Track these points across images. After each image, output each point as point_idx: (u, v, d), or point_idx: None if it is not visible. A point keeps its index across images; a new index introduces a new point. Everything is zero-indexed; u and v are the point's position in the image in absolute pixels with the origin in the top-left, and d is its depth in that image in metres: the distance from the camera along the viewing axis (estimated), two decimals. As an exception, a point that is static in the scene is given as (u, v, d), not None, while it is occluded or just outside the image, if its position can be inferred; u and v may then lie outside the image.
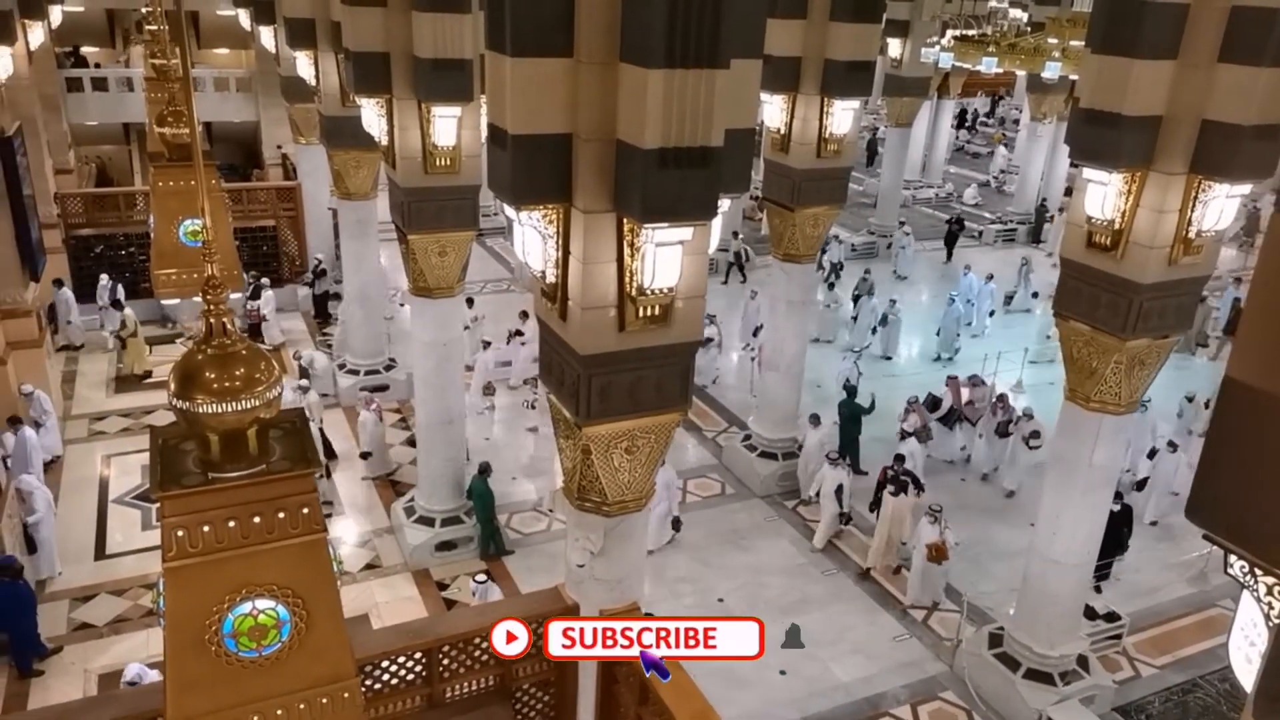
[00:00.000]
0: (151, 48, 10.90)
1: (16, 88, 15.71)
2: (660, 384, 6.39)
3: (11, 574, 9.68)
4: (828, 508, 12.85)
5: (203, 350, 2.91)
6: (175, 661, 2.91)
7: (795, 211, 12.80)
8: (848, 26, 11.77)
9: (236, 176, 25.84)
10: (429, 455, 12.52)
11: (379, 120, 11.17)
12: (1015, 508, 13.89)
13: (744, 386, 17.54)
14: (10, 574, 9.67)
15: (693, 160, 5.39)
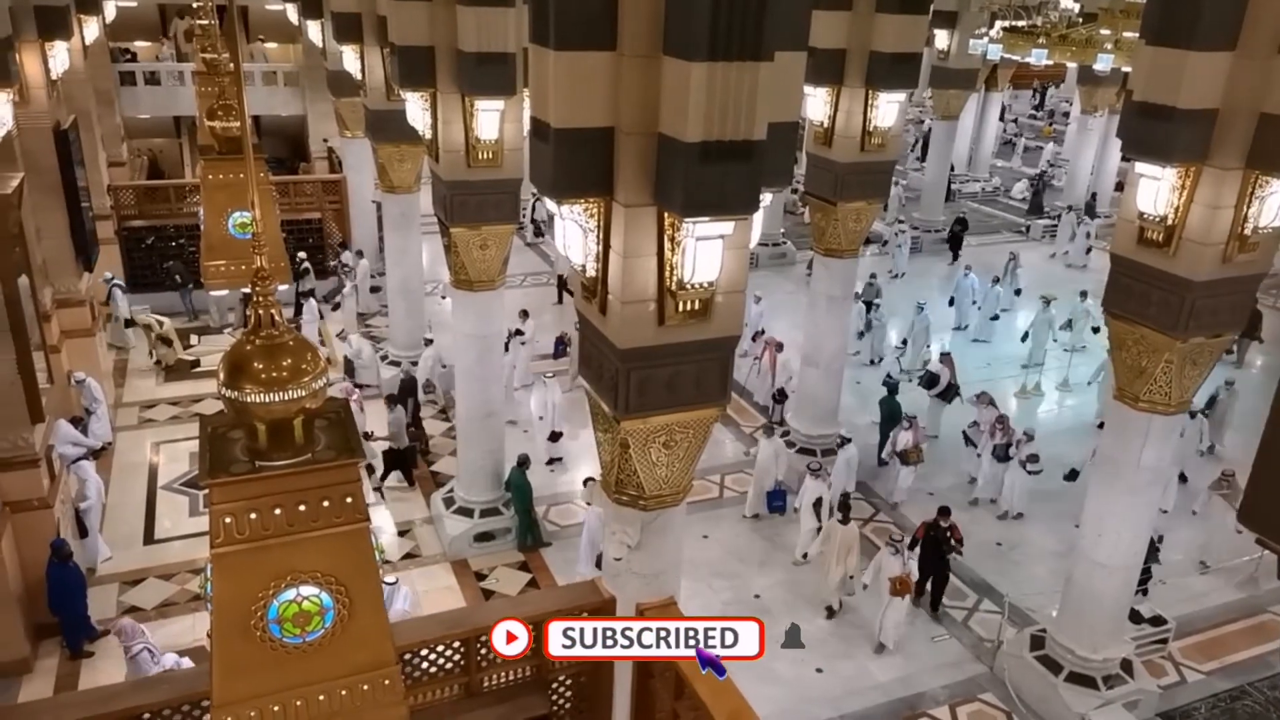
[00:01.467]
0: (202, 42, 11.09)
1: (72, 82, 16.07)
2: (699, 379, 6.38)
3: (61, 557, 9.93)
4: (806, 521, 12.27)
5: (251, 341, 2.97)
6: (222, 646, 2.98)
7: (837, 206, 12.68)
8: (894, 18, 11.63)
9: (283, 170, 26.23)
10: (468, 447, 12.64)
11: (423, 114, 11.27)
12: (1058, 510, 13.63)
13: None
14: (60, 557, 9.93)
15: (735, 154, 5.37)
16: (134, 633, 9.10)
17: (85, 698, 8.05)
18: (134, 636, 9.06)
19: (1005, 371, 18.06)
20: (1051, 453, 14.29)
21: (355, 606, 3.13)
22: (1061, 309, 18.99)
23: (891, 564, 10.78)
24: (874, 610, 11.12)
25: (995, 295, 20.45)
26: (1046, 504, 13.81)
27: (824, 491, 12.37)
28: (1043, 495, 13.88)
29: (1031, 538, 13.14)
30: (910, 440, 13.69)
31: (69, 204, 14.07)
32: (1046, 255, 25.67)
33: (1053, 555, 12.59)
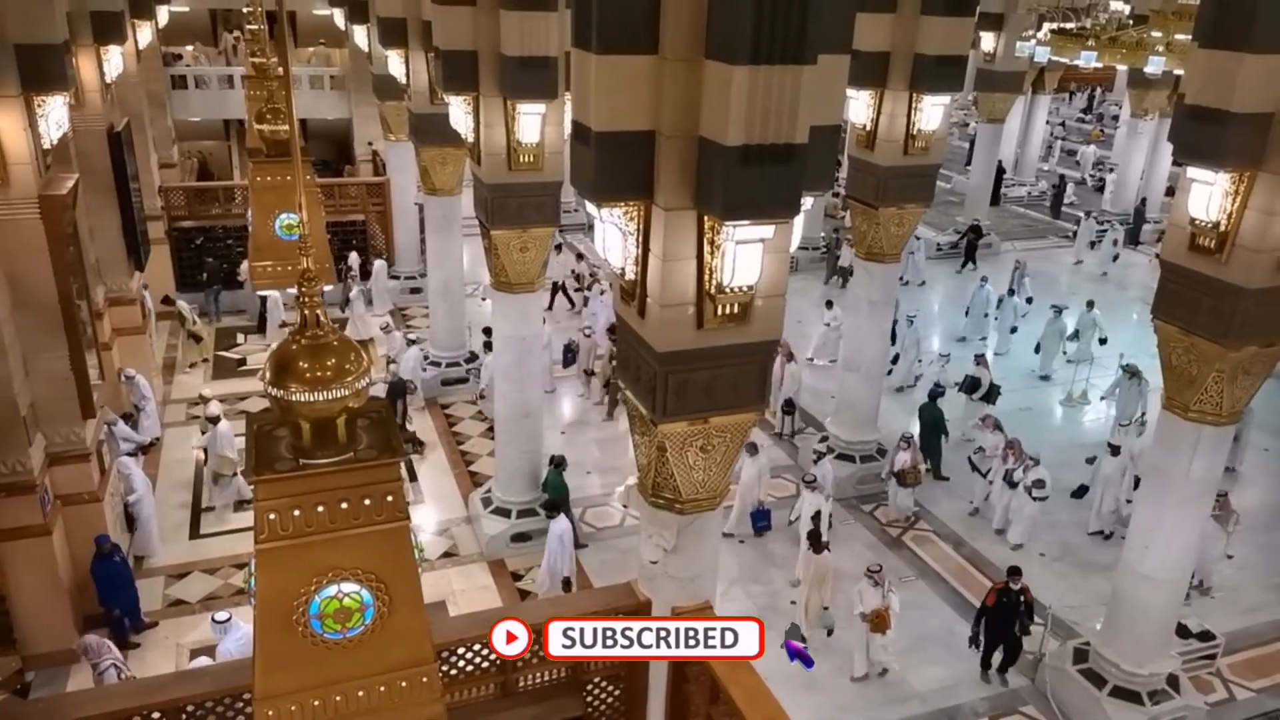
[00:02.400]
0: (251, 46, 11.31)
1: (125, 85, 16.45)
2: (737, 383, 6.36)
3: (103, 552, 10.16)
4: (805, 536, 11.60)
5: (297, 340, 3.02)
6: (264, 640, 3.03)
7: (879, 210, 12.58)
8: (939, 20, 11.52)
9: (329, 172, 26.67)
10: (506, 447, 12.72)
11: (466, 117, 11.39)
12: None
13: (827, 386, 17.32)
14: (103, 552, 10.16)
15: (776, 157, 5.34)
16: (100, 649, 8.95)
17: (130, 688, 8.23)
18: (100, 654, 8.93)
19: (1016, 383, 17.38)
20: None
21: (395, 604, 3.17)
22: (1072, 319, 18.62)
23: (870, 596, 10.24)
24: (908, 622, 10.99)
25: (1012, 306, 19.80)
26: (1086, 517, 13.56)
27: (822, 504, 11.97)
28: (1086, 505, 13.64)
29: (1075, 548, 12.89)
30: (908, 461, 13.27)
31: (121, 205, 14.40)
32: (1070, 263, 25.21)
33: (1097, 567, 12.35)
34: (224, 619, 9.14)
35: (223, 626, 9.13)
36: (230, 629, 9.11)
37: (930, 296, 22.71)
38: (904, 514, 13.46)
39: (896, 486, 13.38)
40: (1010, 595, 10.30)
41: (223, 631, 9.13)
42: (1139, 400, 15.70)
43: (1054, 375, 17.97)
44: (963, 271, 24.02)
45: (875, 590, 10.26)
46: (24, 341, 9.51)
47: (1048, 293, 21.35)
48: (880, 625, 10.21)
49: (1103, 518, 13.19)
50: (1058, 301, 18.98)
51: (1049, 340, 18.02)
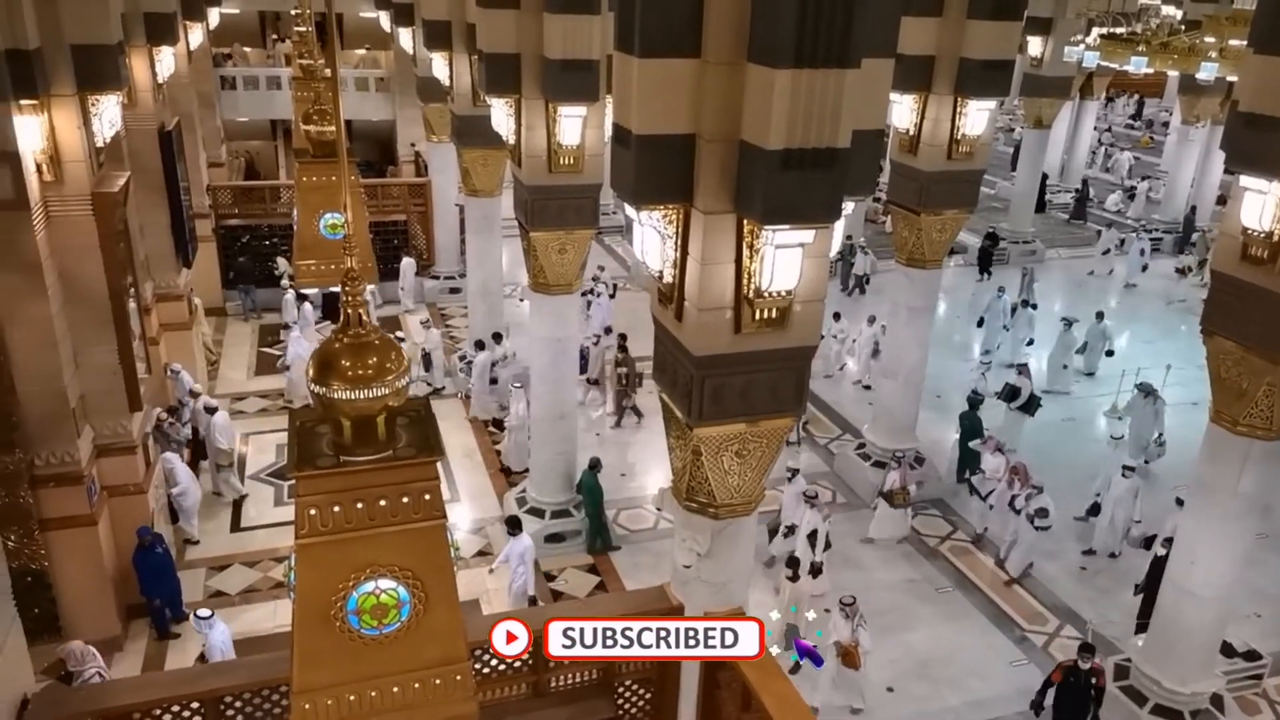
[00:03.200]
0: (299, 49, 11.49)
1: (176, 85, 16.78)
2: (774, 388, 6.33)
3: (144, 544, 10.37)
4: (801, 553, 11.20)
5: (340, 339, 3.06)
6: (302, 634, 3.07)
7: (921, 215, 12.45)
8: (986, 24, 11.38)
9: (372, 172, 27.00)
10: (541, 447, 12.78)
11: (507, 120, 11.47)
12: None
13: (864, 392, 17.16)
14: (144, 544, 10.37)
15: (818, 161, 5.32)
16: (85, 657, 8.88)
17: (170, 678, 8.41)
18: (84, 661, 8.85)
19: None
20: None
21: (430, 601, 3.20)
22: (1081, 330, 18.09)
23: (841, 628, 9.65)
24: (944, 635, 10.84)
25: (1028, 317, 18.92)
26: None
27: (819, 523, 11.35)
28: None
29: (1117, 561, 12.63)
30: (897, 481, 12.73)
31: (171, 202, 14.68)
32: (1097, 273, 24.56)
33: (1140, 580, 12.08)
34: (206, 615, 9.27)
35: (206, 623, 9.24)
36: (214, 624, 9.23)
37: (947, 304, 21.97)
38: (896, 537, 12.79)
39: (885, 508, 12.75)
40: (1078, 675, 9.32)
41: (207, 627, 9.23)
42: (1155, 420, 14.94)
43: (1071, 390, 17.40)
44: (982, 281, 23.37)
45: (847, 623, 9.64)
46: (74, 335, 9.73)
47: (1070, 304, 20.85)
48: (850, 662, 9.65)
49: (1107, 538, 12.64)
50: (1072, 313, 18.40)
51: (1056, 354, 17.49)
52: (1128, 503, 12.62)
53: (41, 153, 9.14)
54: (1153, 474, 14.42)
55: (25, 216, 8.77)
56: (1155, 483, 13.97)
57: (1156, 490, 13.41)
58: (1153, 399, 14.97)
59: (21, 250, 8.83)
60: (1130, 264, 23.77)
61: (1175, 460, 14.63)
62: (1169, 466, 14.59)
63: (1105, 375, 17.79)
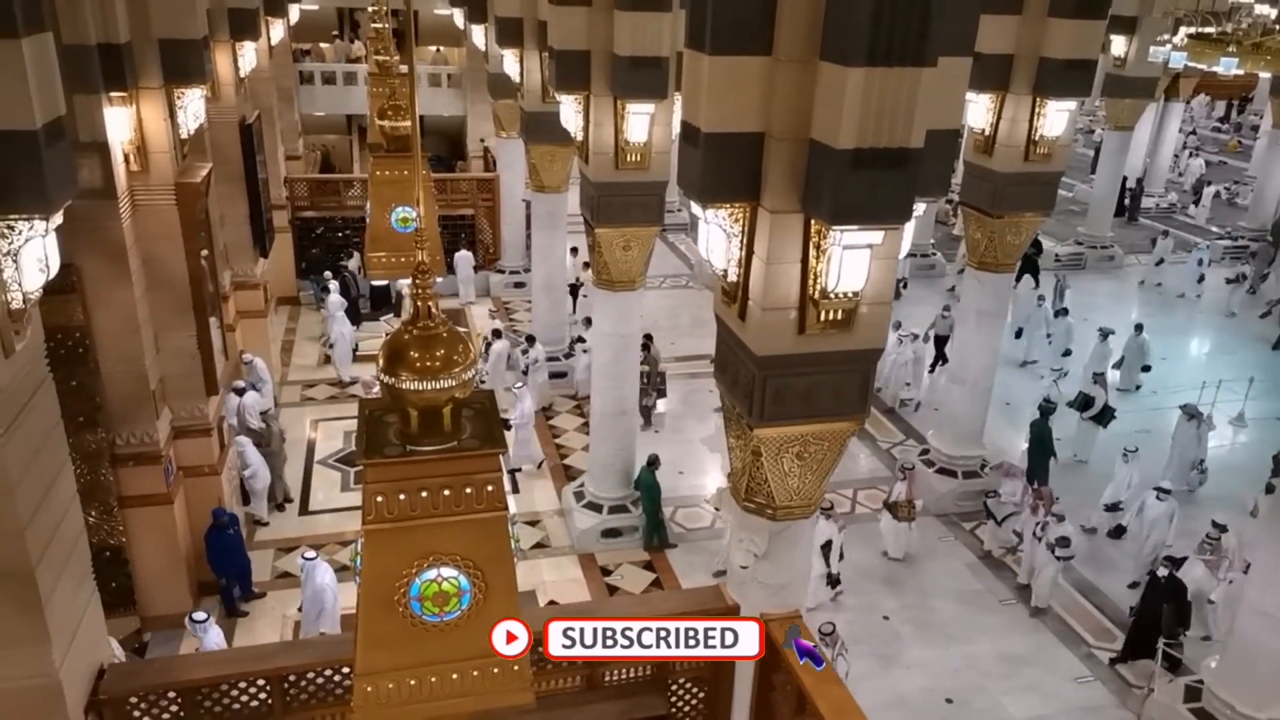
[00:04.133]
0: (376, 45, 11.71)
1: (257, 80, 17.24)
2: (838, 390, 6.26)
3: (219, 524, 10.72)
4: (815, 565, 10.76)
5: (410, 331, 3.11)
6: (367, 617, 3.14)
7: (995, 218, 12.17)
8: (1068, 22, 11.08)
9: (442, 167, 27.42)
10: (600, 443, 12.85)
11: (576, 116, 11.54)
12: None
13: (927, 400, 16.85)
14: (219, 524, 10.72)
15: (890, 161, 5.23)
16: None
17: (239, 655, 8.67)
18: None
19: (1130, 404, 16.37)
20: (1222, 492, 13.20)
21: (490, 591, 3.24)
22: (1118, 343, 17.22)
23: None
24: (1005, 647, 10.59)
25: (1065, 327, 18.21)
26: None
27: (834, 533, 11.13)
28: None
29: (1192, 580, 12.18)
30: (903, 493, 12.18)
31: (249, 194, 15.12)
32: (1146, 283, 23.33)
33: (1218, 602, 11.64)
34: (201, 619, 9.31)
35: (201, 626, 9.29)
36: (208, 629, 9.30)
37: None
38: (897, 553, 12.32)
39: (888, 520, 12.27)
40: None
41: (202, 631, 9.29)
42: (1198, 445, 14.13)
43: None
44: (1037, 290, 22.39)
45: (828, 651, 9.16)
46: (155, 320, 10.08)
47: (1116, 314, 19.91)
48: None
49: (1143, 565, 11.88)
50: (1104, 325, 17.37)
51: (1091, 365, 16.64)
52: (1162, 526, 11.97)
53: (129, 143, 9.49)
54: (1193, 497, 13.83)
55: (113, 205, 9.10)
56: (1193, 503, 13.45)
57: (1195, 512, 12.86)
58: (1196, 422, 14.13)
59: (108, 237, 9.16)
60: (1186, 274, 22.51)
61: (1215, 482, 14.10)
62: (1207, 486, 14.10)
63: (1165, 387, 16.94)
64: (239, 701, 6.54)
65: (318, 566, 10.32)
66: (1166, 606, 10.27)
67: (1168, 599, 10.33)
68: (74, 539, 6.19)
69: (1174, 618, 10.28)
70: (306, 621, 10.42)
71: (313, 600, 10.27)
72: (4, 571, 5.38)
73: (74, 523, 6.23)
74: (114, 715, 6.30)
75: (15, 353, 5.29)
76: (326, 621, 10.23)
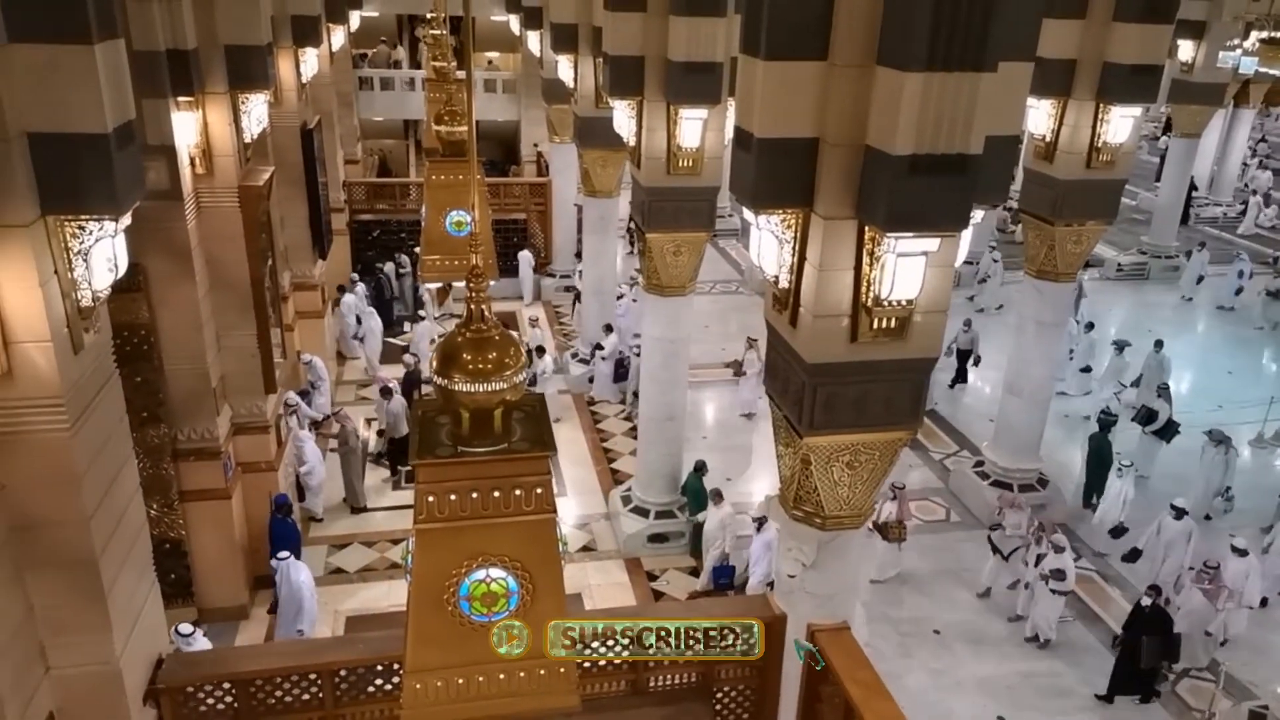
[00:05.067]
0: (433, 51, 11.89)
1: (318, 85, 17.62)
2: (890, 399, 6.18)
3: (282, 512, 10.98)
4: None
5: (463, 333, 3.15)
6: (417, 615, 3.17)
7: (1055, 226, 11.92)
8: (1134, 27, 10.83)
9: (495, 171, 27.74)
10: (648, 448, 12.85)
11: (628, 121, 11.58)
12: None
13: (983, 407, 16.54)
14: (282, 512, 10.98)
15: (947, 167, 5.16)
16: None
17: (292, 648, 8.83)
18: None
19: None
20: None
21: (538, 593, 3.25)
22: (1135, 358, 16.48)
23: None
24: (1062, 665, 10.32)
25: (1089, 343, 17.44)
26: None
27: None
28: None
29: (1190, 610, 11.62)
30: (894, 513, 11.67)
31: (309, 196, 15.44)
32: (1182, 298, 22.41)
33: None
34: (188, 632, 9.17)
35: (186, 640, 9.16)
36: (193, 641, 9.19)
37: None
38: (882, 575, 11.82)
39: (880, 541, 11.67)
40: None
41: (186, 644, 9.13)
42: (1225, 471, 13.37)
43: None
44: None
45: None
46: (217, 319, 10.35)
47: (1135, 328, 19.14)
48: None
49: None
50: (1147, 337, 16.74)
51: (1105, 380, 16.10)
52: (1180, 547, 11.51)
53: (195, 147, 9.77)
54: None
55: (178, 206, 9.36)
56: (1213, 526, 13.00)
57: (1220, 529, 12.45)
58: (1224, 447, 13.38)
59: (174, 238, 9.42)
60: (1227, 285, 21.71)
61: (1241, 503, 13.52)
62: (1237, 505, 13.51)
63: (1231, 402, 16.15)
64: (291, 695, 6.67)
65: (292, 565, 10.09)
66: (1148, 638, 9.80)
67: (1151, 631, 9.88)
68: (136, 530, 6.37)
69: (1158, 650, 9.77)
70: (284, 621, 10.20)
71: (289, 599, 10.08)
72: (70, 559, 5.56)
73: (137, 515, 6.41)
74: (171, 703, 6.46)
75: (84, 349, 5.48)
76: (305, 620, 10.12)
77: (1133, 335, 17.59)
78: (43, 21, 4.65)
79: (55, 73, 4.74)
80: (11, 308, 4.97)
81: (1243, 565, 10.83)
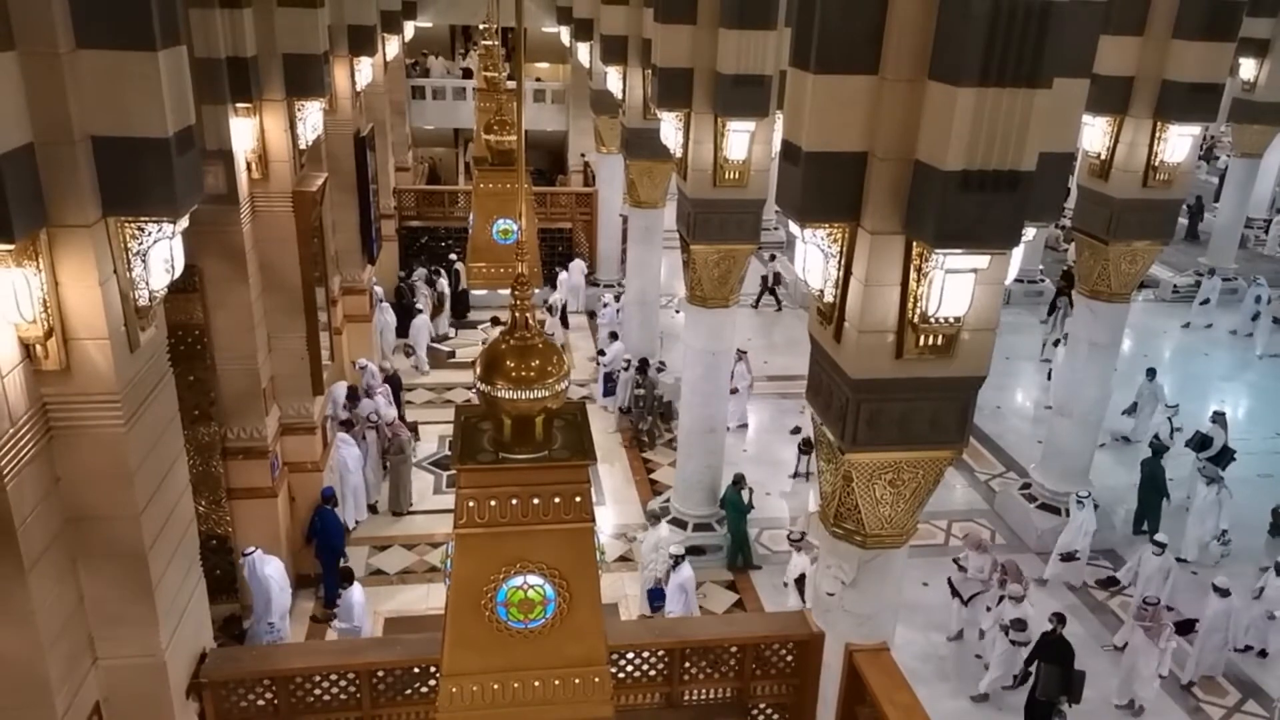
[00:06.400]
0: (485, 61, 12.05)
1: (373, 94, 17.94)
2: (935, 418, 6.09)
3: (329, 503, 11.21)
4: (791, 599, 10.68)
5: (507, 341, 3.17)
6: (455, 619, 3.19)
7: (1110, 245, 11.69)
8: (1194, 44, 10.59)
9: (543, 181, 27.97)
10: (687, 459, 12.81)
11: (676, 133, 11.60)
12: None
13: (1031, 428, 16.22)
14: (328, 503, 11.21)
15: (999, 184, 5.08)
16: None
17: (333, 647, 8.97)
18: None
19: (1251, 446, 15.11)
20: None
21: (575, 601, 3.25)
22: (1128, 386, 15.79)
23: None
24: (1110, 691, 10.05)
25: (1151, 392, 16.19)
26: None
27: (807, 567, 10.53)
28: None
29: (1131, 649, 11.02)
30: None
31: (361, 203, 15.70)
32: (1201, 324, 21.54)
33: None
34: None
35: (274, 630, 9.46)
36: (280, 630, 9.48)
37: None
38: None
39: None
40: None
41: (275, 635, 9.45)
42: (1218, 512, 12.60)
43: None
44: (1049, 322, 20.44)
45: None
46: (269, 321, 10.55)
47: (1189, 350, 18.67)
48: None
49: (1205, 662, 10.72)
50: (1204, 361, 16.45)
51: (1146, 406, 15.48)
52: (1157, 582, 11.13)
53: (251, 152, 10.01)
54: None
55: (234, 210, 9.58)
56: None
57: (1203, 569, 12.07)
58: (1216, 487, 12.62)
59: (230, 240, 9.65)
60: (1242, 312, 20.91)
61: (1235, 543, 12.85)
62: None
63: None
64: (329, 694, 6.75)
65: (258, 559, 9.93)
66: (1045, 665, 9.45)
67: (1050, 659, 9.52)
68: (185, 526, 6.51)
69: (1056, 681, 9.34)
70: (256, 615, 10.19)
71: (259, 593, 10.03)
72: (120, 552, 5.69)
73: (186, 511, 6.55)
74: (212, 698, 6.58)
75: (140, 347, 5.62)
76: (275, 612, 10.06)
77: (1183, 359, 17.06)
78: (109, 29, 4.79)
79: (120, 78, 4.88)
80: (72, 305, 5.12)
81: (1223, 605, 10.46)
